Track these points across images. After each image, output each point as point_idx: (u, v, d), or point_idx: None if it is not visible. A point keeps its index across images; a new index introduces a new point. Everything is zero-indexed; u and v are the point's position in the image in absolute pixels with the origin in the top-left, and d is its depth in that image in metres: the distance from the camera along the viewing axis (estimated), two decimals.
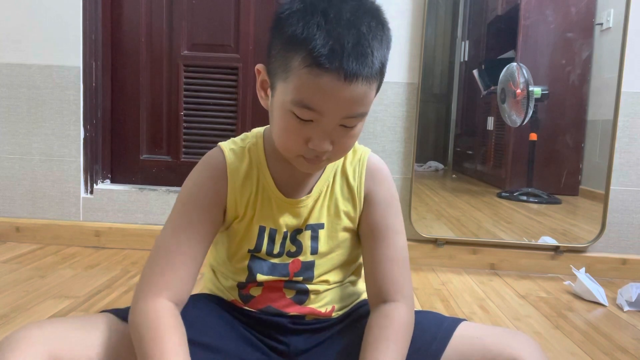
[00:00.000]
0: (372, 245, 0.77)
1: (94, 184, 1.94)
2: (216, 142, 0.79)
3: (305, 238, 0.76)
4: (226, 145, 0.77)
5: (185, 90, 1.98)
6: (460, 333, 0.73)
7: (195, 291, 0.84)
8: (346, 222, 0.78)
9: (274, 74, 0.65)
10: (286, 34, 0.61)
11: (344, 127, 0.64)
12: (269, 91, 0.68)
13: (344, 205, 0.77)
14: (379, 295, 0.75)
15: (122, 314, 0.70)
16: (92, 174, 1.93)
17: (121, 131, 2.01)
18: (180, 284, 0.70)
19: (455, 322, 0.75)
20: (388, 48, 0.63)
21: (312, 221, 0.77)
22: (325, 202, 0.77)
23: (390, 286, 0.75)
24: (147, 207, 1.91)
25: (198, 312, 0.75)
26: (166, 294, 0.68)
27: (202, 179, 0.74)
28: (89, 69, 1.88)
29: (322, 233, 0.77)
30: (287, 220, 0.76)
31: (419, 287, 1.62)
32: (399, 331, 0.71)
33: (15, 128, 1.88)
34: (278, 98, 0.64)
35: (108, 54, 1.96)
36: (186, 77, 1.97)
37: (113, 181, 2.02)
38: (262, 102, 0.71)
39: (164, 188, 1.94)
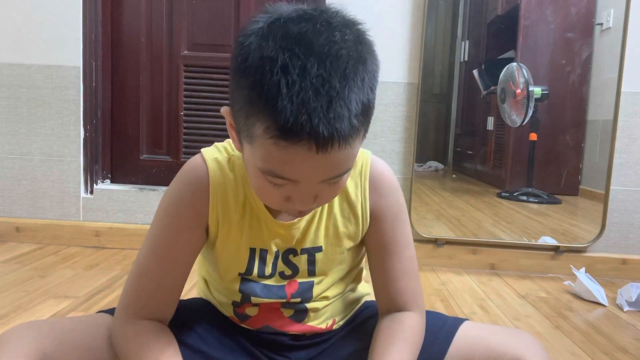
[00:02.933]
0: (382, 259, 0.73)
1: (94, 184, 1.94)
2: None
3: (302, 262, 0.71)
4: (209, 154, 0.68)
5: (185, 90, 1.98)
6: (463, 333, 0.73)
7: (192, 296, 0.83)
8: (347, 244, 0.72)
9: (240, 129, 0.56)
10: (244, 94, 0.51)
11: (327, 184, 0.56)
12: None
13: (344, 226, 0.71)
14: (391, 307, 0.73)
15: None
16: (92, 174, 1.93)
17: (121, 131, 2.01)
18: (158, 306, 0.68)
19: (457, 322, 0.75)
20: (374, 82, 0.54)
21: (307, 244, 0.70)
22: (322, 223, 0.70)
23: (403, 298, 0.72)
24: (147, 207, 1.90)
25: (198, 319, 0.74)
26: (144, 316, 0.67)
27: (181, 194, 0.67)
28: (89, 69, 1.88)
29: (319, 256, 0.71)
30: (278, 242, 0.70)
31: None
32: (410, 336, 0.69)
33: (15, 128, 1.88)
34: (247, 156, 0.57)
35: (108, 54, 1.96)
36: (186, 77, 1.97)
37: (113, 181, 2.02)
38: (234, 145, 0.61)
39: (164, 188, 1.94)
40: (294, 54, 0.48)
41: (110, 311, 0.71)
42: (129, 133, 2.00)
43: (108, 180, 2.01)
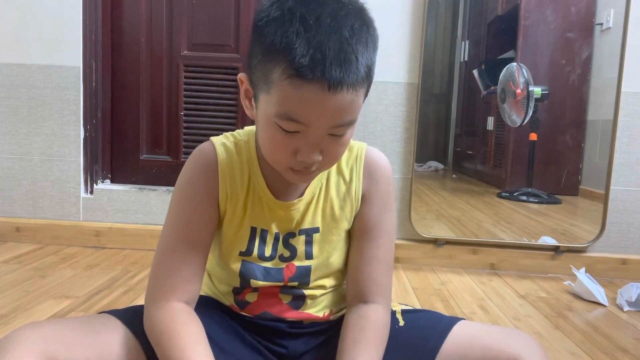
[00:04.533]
0: (362, 244, 0.75)
1: (94, 184, 1.94)
2: None
3: (299, 243, 0.74)
4: (218, 140, 0.74)
5: (185, 90, 1.98)
6: (460, 332, 0.73)
7: None
8: (343, 225, 0.76)
9: (256, 84, 0.62)
10: (265, 44, 0.58)
11: (333, 136, 0.61)
12: (253, 101, 0.65)
13: (340, 208, 0.75)
14: (359, 295, 0.75)
15: (121, 315, 0.70)
16: (92, 174, 1.93)
17: (121, 131, 2.01)
18: (186, 285, 0.70)
19: (453, 320, 0.75)
20: (375, 49, 0.60)
21: (306, 225, 0.74)
22: (320, 205, 0.75)
23: (373, 287, 0.74)
24: (147, 207, 1.91)
25: (197, 313, 0.75)
26: (174, 297, 0.68)
27: (194, 175, 0.72)
28: (89, 69, 1.88)
29: (316, 237, 0.75)
30: (278, 223, 0.74)
31: (419, 287, 1.62)
32: (376, 334, 0.70)
33: (15, 128, 1.88)
34: (262, 109, 0.62)
35: (108, 54, 1.96)
36: (186, 77, 1.97)
37: (113, 181, 2.02)
38: (247, 112, 0.68)
39: (164, 188, 1.94)
40: (311, 9, 0.56)
41: (113, 312, 0.71)
42: (129, 133, 2.00)
43: (108, 180, 2.01)
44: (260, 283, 0.74)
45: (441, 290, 1.60)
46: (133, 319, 0.69)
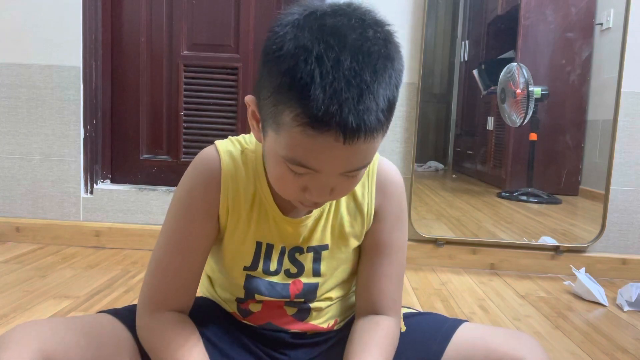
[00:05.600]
0: (374, 259, 0.73)
1: (94, 184, 1.94)
2: None
3: (307, 260, 0.72)
4: (223, 147, 0.69)
5: (185, 90, 1.97)
6: (463, 334, 0.73)
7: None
8: (353, 243, 0.73)
9: (264, 119, 0.57)
10: (276, 81, 0.52)
11: (346, 176, 0.57)
12: (260, 126, 0.60)
13: (350, 225, 0.72)
14: (369, 308, 0.74)
15: (119, 315, 0.70)
16: (92, 174, 1.93)
17: (121, 131, 2.00)
18: (178, 297, 0.69)
19: (456, 323, 0.75)
20: (399, 80, 0.55)
21: (314, 243, 0.71)
22: (329, 222, 0.71)
23: (384, 302, 0.73)
24: (147, 207, 1.90)
25: (202, 314, 0.75)
26: (165, 307, 0.68)
27: (194, 185, 0.68)
28: (89, 69, 1.88)
29: (325, 254, 0.72)
30: (284, 238, 0.71)
31: (419, 287, 1.62)
32: (386, 340, 0.70)
33: (15, 128, 1.88)
34: (270, 145, 0.57)
35: (108, 54, 1.96)
36: (186, 77, 1.97)
37: (113, 181, 2.02)
38: (254, 134, 0.63)
39: (164, 188, 1.94)
40: (329, 46, 0.50)
41: (111, 311, 0.71)
42: (129, 133, 2.00)
43: (108, 180, 2.01)
44: (265, 298, 0.72)
45: (441, 290, 1.60)
46: (131, 318, 0.69)
